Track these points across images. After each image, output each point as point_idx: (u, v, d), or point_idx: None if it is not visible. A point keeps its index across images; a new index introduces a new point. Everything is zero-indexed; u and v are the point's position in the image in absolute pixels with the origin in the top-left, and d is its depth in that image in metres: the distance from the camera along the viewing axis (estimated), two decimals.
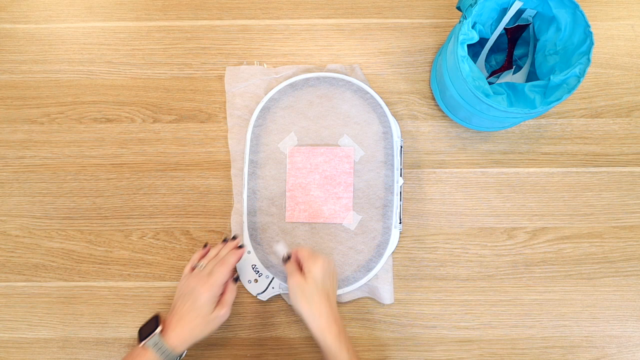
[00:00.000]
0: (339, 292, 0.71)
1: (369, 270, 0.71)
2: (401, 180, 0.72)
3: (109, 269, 0.75)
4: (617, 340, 0.73)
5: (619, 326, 0.73)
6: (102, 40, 0.78)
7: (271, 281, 0.71)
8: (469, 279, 0.74)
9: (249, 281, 0.72)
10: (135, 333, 0.73)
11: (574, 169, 0.75)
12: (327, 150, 0.73)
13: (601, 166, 0.75)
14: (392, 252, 0.72)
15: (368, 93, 0.74)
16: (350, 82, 0.74)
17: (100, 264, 0.75)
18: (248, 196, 0.73)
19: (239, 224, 0.74)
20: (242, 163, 0.74)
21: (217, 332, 0.73)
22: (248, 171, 0.73)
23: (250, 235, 0.72)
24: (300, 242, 0.73)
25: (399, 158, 0.72)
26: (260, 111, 0.74)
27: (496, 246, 0.74)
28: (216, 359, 0.73)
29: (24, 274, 0.75)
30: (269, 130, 0.74)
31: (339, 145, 0.73)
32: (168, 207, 0.75)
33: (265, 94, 0.75)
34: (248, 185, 0.73)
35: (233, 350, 0.73)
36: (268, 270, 0.72)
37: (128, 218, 0.75)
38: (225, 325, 0.74)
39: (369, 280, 0.71)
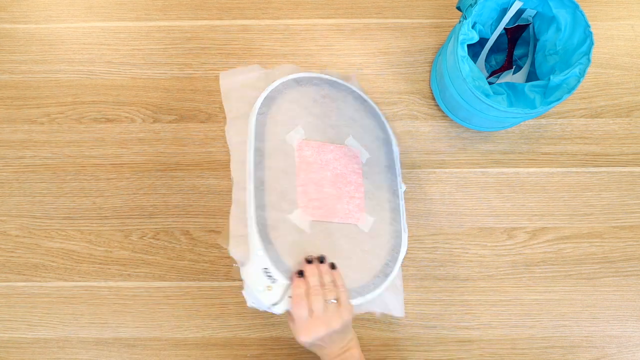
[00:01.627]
0: (360, 300, 0.63)
1: (387, 275, 0.66)
2: (404, 187, 0.72)
3: (109, 269, 0.75)
4: (617, 340, 0.73)
5: (619, 326, 0.73)
6: (102, 40, 0.78)
7: (287, 289, 0.58)
8: (469, 279, 0.74)
9: (259, 289, 0.58)
10: (135, 333, 0.74)
11: (574, 169, 0.75)
12: (336, 147, 0.71)
13: (601, 166, 0.75)
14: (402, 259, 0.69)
15: (367, 101, 0.73)
16: (350, 87, 0.73)
17: (100, 264, 0.75)
18: (255, 187, 0.62)
19: (240, 219, 0.62)
20: (243, 155, 0.65)
21: (217, 331, 0.73)
22: (254, 160, 0.64)
23: (260, 232, 0.60)
24: (317, 242, 0.64)
25: (399, 165, 0.72)
26: (264, 99, 0.69)
27: (496, 246, 0.74)
28: (216, 359, 0.73)
29: (24, 274, 0.75)
30: (275, 120, 0.68)
31: (346, 145, 0.72)
32: (168, 207, 0.75)
33: (266, 87, 0.71)
34: (255, 175, 0.63)
35: (233, 350, 0.73)
36: (283, 275, 0.59)
37: (128, 218, 0.75)
38: (225, 325, 0.74)
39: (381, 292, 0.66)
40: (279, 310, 0.59)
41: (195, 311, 0.74)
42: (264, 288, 0.58)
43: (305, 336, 0.56)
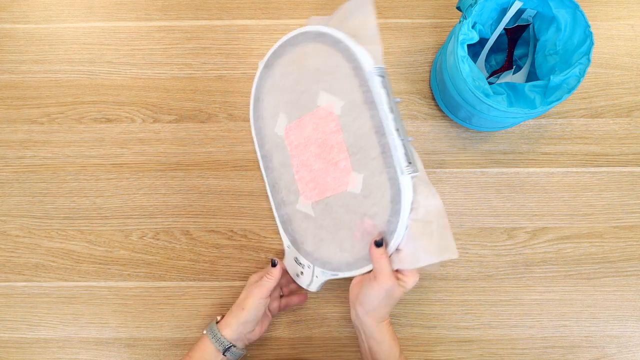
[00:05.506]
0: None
1: (392, 232, 0.57)
2: (398, 99, 0.59)
3: (109, 269, 0.75)
4: (617, 340, 0.73)
5: (619, 326, 0.73)
6: (102, 40, 0.78)
7: (313, 270, 0.67)
8: (469, 279, 0.74)
9: (297, 275, 0.69)
10: (135, 333, 0.74)
11: (574, 169, 0.75)
12: (311, 116, 0.65)
13: (601, 166, 0.75)
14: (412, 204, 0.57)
15: (324, 33, 0.62)
16: (304, 32, 0.64)
17: (100, 264, 0.75)
18: (270, 190, 0.72)
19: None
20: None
21: None
22: (263, 166, 0.73)
23: (284, 229, 0.71)
24: (321, 224, 0.65)
25: (381, 90, 0.57)
26: (253, 106, 0.73)
27: (496, 246, 0.74)
28: None
29: (24, 274, 0.75)
30: (265, 120, 0.72)
31: (319, 106, 0.63)
32: (168, 207, 0.75)
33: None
34: (267, 179, 0.72)
35: None
36: (307, 259, 0.67)
37: (128, 218, 0.75)
38: None
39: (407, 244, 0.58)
40: (313, 288, 0.67)
41: (195, 311, 0.74)
42: (298, 274, 0.68)
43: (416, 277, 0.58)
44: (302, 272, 0.68)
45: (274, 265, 0.65)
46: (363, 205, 0.60)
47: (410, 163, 0.56)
